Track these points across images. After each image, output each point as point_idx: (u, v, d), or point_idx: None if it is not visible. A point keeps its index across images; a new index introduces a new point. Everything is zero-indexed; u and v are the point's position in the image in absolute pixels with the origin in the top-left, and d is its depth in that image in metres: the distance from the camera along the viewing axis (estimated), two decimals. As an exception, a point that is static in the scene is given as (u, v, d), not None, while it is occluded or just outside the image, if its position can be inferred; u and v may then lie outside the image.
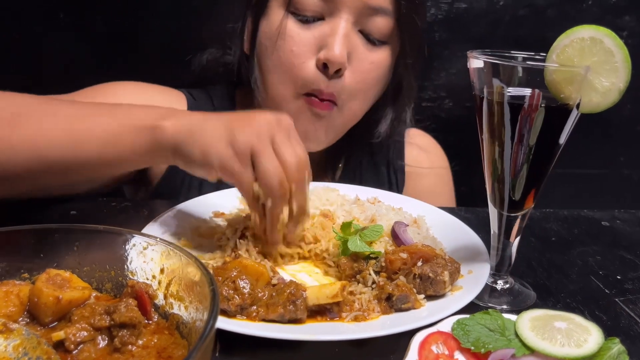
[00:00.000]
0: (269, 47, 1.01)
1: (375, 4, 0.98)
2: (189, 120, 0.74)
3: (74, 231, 0.60)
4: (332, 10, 0.98)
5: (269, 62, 1.03)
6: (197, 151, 0.71)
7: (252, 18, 1.06)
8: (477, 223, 0.91)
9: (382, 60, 1.03)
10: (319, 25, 0.99)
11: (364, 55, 1.01)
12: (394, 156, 1.23)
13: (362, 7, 0.97)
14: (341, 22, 0.97)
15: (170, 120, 0.73)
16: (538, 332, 0.58)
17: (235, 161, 0.70)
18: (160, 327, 0.56)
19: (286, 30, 0.99)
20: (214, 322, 0.46)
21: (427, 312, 0.65)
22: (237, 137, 0.70)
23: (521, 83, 0.65)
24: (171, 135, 0.72)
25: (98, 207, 0.96)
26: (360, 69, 1.01)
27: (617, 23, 1.53)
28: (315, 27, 0.99)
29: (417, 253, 0.69)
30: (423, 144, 1.28)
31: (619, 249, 0.92)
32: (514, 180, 0.70)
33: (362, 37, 1.01)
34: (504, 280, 0.75)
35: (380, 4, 0.98)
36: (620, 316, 0.71)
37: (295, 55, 0.99)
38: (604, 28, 0.61)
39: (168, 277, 0.58)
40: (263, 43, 1.03)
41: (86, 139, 0.75)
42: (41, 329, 0.55)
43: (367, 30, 1.00)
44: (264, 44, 1.03)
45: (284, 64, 1.00)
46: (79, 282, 0.58)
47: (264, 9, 1.03)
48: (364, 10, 0.98)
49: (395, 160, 1.23)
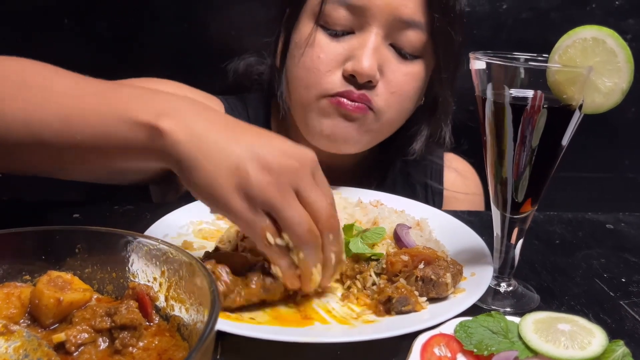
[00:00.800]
0: (296, 56, 1.01)
1: (406, 17, 0.96)
2: (191, 125, 0.63)
3: (76, 233, 0.60)
4: (362, 24, 0.96)
5: (295, 70, 1.02)
6: (201, 181, 0.61)
7: (285, 32, 1.06)
8: (480, 226, 0.91)
9: (416, 73, 1.01)
10: (349, 38, 0.98)
11: (397, 67, 0.99)
12: (433, 179, 1.22)
13: (392, 20, 0.95)
14: (371, 35, 0.95)
15: (172, 119, 0.62)
16: (542, 335, 0.58)
17: (249, 213, 0.61)
18: (161, 329, 0.56)
19: (315, 41, 0.98)
20: (214, 324, 0.46)
21: (429, 315, 0.64)
22: (252, 186, 0.60)
23: (523, 84, 0.65)
24: (171, 144, 0.62)
25: (101, 211, 0.96)
26: (394, 80, 0.99)
27: (620, 26, 1.53)
28: (345, 41, 0.98)
29: (418, 255, 0.68)
30: (461, 169, 1.27)
31: (624, 252, 0.92)
32: (516, 182, 0.69)
33: (394, 51, 0.99)
34: (507, 283, 0.75)
35: (412, 17, 0.96)
36: (624, 319, 0.71)
37: (322, 61, 0.97)
38: (606, 28, 0.60)
39: (169, 279, 0.57)
40: (293, 54, 1.03)
41: (79, 125, 0.67)
42: (42, 330, 0.54)
43: (399, 45, 0.98)
44: (293, 54, 1.02)
45: (310, 69, 0.98)
46: (80, 284, 0.58)
47: (295, 22, 1.03)
48: (394, 23, 0.96)
49: (434, 184, 1.22)
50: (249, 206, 0.61)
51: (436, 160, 1.23)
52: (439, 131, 1.13)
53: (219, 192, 0.61)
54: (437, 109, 1.11)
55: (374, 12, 0.95)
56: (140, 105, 0.65)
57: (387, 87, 0.98)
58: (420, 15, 0.97)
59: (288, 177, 0.61)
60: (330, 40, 0.98)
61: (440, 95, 1.08)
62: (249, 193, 0.60)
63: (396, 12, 0.95)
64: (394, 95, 0.99)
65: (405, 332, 0.59)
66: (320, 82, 0.98)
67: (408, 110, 1.05)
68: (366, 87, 0.97)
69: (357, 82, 0.96)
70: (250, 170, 0.60)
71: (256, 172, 0.60)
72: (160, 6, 1.42)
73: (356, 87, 0.97)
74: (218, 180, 0.60)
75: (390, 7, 0.95)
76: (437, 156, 1.24)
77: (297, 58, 1.00)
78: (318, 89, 0.98)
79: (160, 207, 0.92)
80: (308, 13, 1.01)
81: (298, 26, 1.02)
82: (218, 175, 0.60)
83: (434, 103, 1.10)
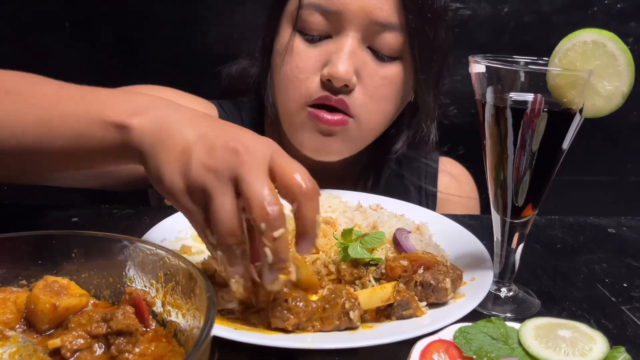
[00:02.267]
0: (278, 64, 1.02)
1: (382, 20, 0.95)
2: (161, 118, 0.63)
3: (73, 238, 0.60)
4: (338, 28, 0.96)
5: (277, 78, 1.03)
6: (153, 167, 0.61)
7: (269, 36, 1.07)
8: (480, 230, 0.90)
9: (394, 75, 1.00)
10: (326, 43, 0.98)
11: (374, 71, 0.99)
12: (428, 181, 1.22)
13: (368, 23, 0.95)
14: (347, 39, 0.95)
15: (142, 117, 0.63)
16: (542, 341, 0.57)
17: (185, 198, 0.59)
18: (158, 334, 0.56)
19: (293, 47, 0.99)
20: (209, 330, 0.46)
21: (428, 320, 0.63)
22: (192, 169, 0.58)
23: (523, 88, 0.64)
24: (137, 138, 0.62)
25: (100, 214, 0.96)
26: (372, 84, 0.99)
27: (622, 29, 1.52)
28: (322, 45, 0.98)
29: (417, 260, 0.68)
30: (455, 172, 1.27)
31: (626, 257, 0.91)
32: (516, 186, 0.69)
33: (371, 54, 0.99)
34: (507, 288, 0.74)
35: (388, 20, 0.95)
36: (626, 324, 0.70)
37: (301, 70, 0.98)
38: (606, 31, 0.60)
39: (166, 284, 0.57)
40: (275, 60, 1.04)
41: (59, 129, 0.67)
42: (38, 336, 0.54)
43: (376, 47, 0.98)
44: (276, 61, 1.03)
45: (289, 79, 0.99)
46: (76, 289, 0.58)
47: (276, 27, 1.04)
48: (370, 27, 0.96)
49: (428, 186, 1.22)
50: (189, 193, 0.58)
51: (431, 164, 1.24)
52: (420, 131, 1.12)
53: (165, 177, 0.59)
54: (417, 110, 1.10)
55: (349, 17, 0.95)
56: (116, 106, 0.65)
57: (364, 90, 0.98)
58: (396, 17, 0.96)
59: (229, 164, 0.57)
60: (308, 47, 0.98)
61: (419, 96, 1.07)
62: (189, 177, 0.58)
63: (371, 16, 0.95)
64: (372, 99, 0.99)
65: (404, 337, 0.58)
66: (300, 90, 0.98)
67: (389, 112, 1.05)
68: (343, 92, 0.97)
69: (334, 86, 0.96)
70: (194, 153, 0.58)
71: (199, 155, 0.58)
72: (161, 10, 1.42)
73: (333, 92, 0.97)
74: (166, 165, 0.59)
75: (365, 10, 0.94)
76: (432, 159, 1.24)
77: (279, 66, 1.01)
78: (299, 99, 0.99)
79: (160, 211, 0.92)
80: (287, 17, 1.01)
81: (279, 32, 1.03)
82: (167, 160, 0.59)
83: (415, 104, 1.10)
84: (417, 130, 1.12)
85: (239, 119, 1.17)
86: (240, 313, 0.65)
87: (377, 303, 0.62)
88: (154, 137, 0.61)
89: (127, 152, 0.64)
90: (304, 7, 0.97)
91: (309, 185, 0.57)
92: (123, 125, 0.63)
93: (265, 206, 0.55)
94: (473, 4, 1.49)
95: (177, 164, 0.59)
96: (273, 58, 1.05)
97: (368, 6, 0.94)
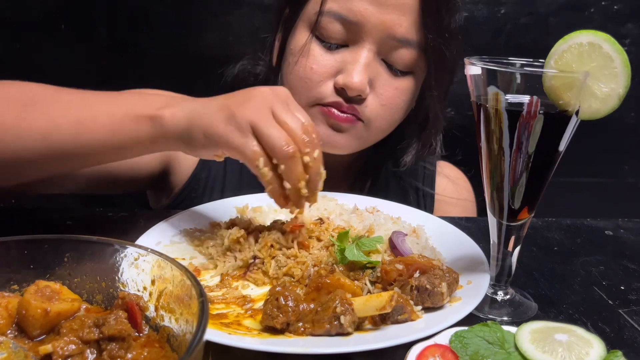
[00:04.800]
0: (291, 63, 1.03)
1: (400, 36, 0.97)
2: (188, 107, 0.75)
3: (65, 242, 0.59)
4: (355, 39, 0.98)
5: (288, 77, 1.04)
6: (200, 135, 0.73)
7: (282, 34, 1.08)
8: (477, 232, 0.90)
9: (406, 87, 1.03)
10: (342, 51, 0.99)
11: (387, 82, 1.01)
12: (425, 184, 1.24)
13: (386, 38, 0.97)
14: (364, 51, 0.97)
15: (170, 109, 0.75)
16: (538, 345, 0.57)
17: (237, 135, 0.72)
18: (151, 339, 0.55)
19: (310, 51, 1.00)
20: (202, 335, 0.45)
21: (424, 324, 0.63)
22: (236, 114, 0.72)
23: (519, 89, 0.64)
24: (172, 124, 0.74)
25: (94, 217, 0.95)
26: (385, 94, 1.01)
27: (619, 31, 1.52)
28: (339, 53, 0.99)
29: (413, 264, 0.67)
30: (452, 176, 1.29)
31: (623, 259, 0.90)
32: (513, 188, 0.68)
33: (385, 66, 1.00)
34: (504, 291, 0.74)
35: (405, 36, 0.97)
36: (623, 328, 0.70)
37: (315, 72, 0.99)
38: (602, 33, 0.60)
39: (159, 289, 0.57)
40: (287, 59, 1.05)
41: (91, 127, 0.76)
42: (29, 342, 0.53)
43: (390, 61, 1.00)
44: (288, 60, 1.04)
45: (302, 79, 1.01)
46: (69, 293, 0.57)
47: (292, 28, 1.04)
48: (387, 41, 0.97)
49: (426, 188, 1.24)
50: (239, 132, 0.72)
51: (429, 167, 1.25)
52: (429, 145, 1.14)
53: (215, 131, 0.73)
54: (427, 123, 1.12)
55: (368, 29, 0.96)
56: (143, 104, 0.77)
57: (377, 99, 1.00)
58: (414, 34, 0.98)
59: (263, 102, 0.73)
60: (324, 52, 1.00)
61: (431, 110, 1.09)
62: (236, 119, 0.72)
63: (390, 31, 0.96)
64: (383, 108, 1.01)
65: (399, 342, 0.58)
66: (312, 92, 1.00)
67: (397, 121, 1.08)
68: (355, 101, 0.99)
69: (347, 95, 0.98)
70: (231, 105, 0.73)
71: (237, 103, 0.73)
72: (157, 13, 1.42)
73: (346, 99, 0.98)
74: (213, 125, 0.73)
75: (385, 25, 0.96)
76: (430, 163, 1.26)
77: (291, 66, 1.02)
78: (310, 98, 1.01)
79: (155, 214, 0.91)
80: (304, 21, 1.02)
81: (294, 32, 1.04)
82: (212, 122, 0.73)
83: (425, 118, 1.11)
84: (425, 144, 1.14)
85: None
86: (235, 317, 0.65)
87: (371, 311, 0.61)
88: (188, 119, 0.74)
89: (161, 139, 0.76)
90: (324, 14, 0.98)
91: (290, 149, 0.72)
92: (155, 116, 0.75)
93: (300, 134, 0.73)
94: (470, 6, 1.49)
95: (221, 117, 0.73)
96: (285, 58, 1.06)
97: (388, 21, 0.96)
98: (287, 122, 0.73)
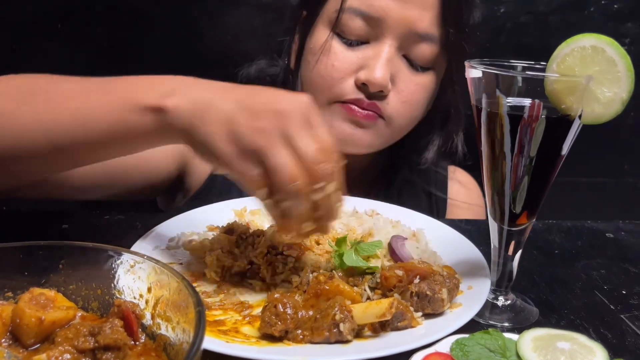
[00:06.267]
0: (311, 62, 1.02)
1: (421, 31, 0.97)
2: (194, 97, 0.66)
3: (60, 248, 0.58)
4: (377, 35, 0.98)
5: (309, 75, 1.03)
6: (200, 143, 0.65)
7: (300, 35, 1.07)
8: (477, 236, 0.89)
9: (427, 82, 1.03)
10: (363, 48, 0.99)
11: (409, 78, 1.01)
12: (438, 188, 1.24)
13: (407, 33, 0.97)
14: (385, 46, 0.97)
15: (175, 98, 0.66)
16: (540, 353, 0.56)
17: (239, 158, 0.63)
18: (147, 348, 0.54)
19: (330, 48, 1.00)
20: (199, 345, 0.45)
21: (424, 331, 0.62)
22: (243, 134, 0.63)
23: (521, 93, 0.63)
24: (176, 118, 0.66)
25: (91, 221, 0.94)
26: (406, 90, 1.01)
27: (619, 30, 1.52)
28: (360, 50, 0.99)
29: (413, 270, 0.66)
30: (464, 181, 1.29)
31: (624, 262, 0.90)
32: (514, 193, 0.68)
33: (406, 62, 1.00)
34: (505, 296, 0.73)
35: (427, 31, 0.97)
36: (625, 334, 0.69)
37: (336, 69, 0.99)
38: (605, 36, 0.59)
39: (156, 296, 0.56)
40: (307, 59, 1.04)
41: (93, 120, 0.70)
42: (24, 351, 0.52)
43: (412, 56, 1.00)
44: (308, 60, 1.04)
45: (323, 77, 1.00)
46: (64, 301, 0.56)
47: (310, 27, 1.04)
48: (409, 36, 0.97)
49: (438, 193, 1.24)
50: (240, 154, 0.63)
51: (441, 172, 1.25)
52: (450, 142, 1.14)
53: (216, 146, 0.63)
54: (449, 120, 1.12)
55: (389, 24, 0.96)
56: (145, 91, 0.69)
57: (398, 96, 1.00)
58: (435, 29, 0.98)
59: (276, 123, 0.63)
60: (345, 49, 1.00)
61: (452, 105, 1.09)
62: (240, 141, 0.63)
63: (412, 26, 0.96)
64: (405, 104, 1.01)
65: (400, 350, 0.57)
66: (333, 89, 1.00)
67: (418, 117, 1.08)
68: (377, 97, 0.99)
69: (369, 90, 0.97)
70: (239, 120, 0.63)
71: (245, 120, 0.63)
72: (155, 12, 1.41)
73: (367, 95, 0.98)
74: (213, 135, 0.64)
75: (407, 20, 0.96)
76: (442, 167, 1.26)
77: (312, 64, 1.02)
78: (330, 95, 1.00)
79: (152, 217, 0.90)
80: (324, 19, 1.02)
81: (313, 31, 1.04)
82: (212, 131, 0.64)
83: (446, 114, 1.11)
84: (447, 140, 1.14)
85: None
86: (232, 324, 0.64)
87: (371, 319, 0.61)
88: (192, 115, 0.65)
89: (166, 133, 0.68)
90: (345, 10, 0.97)
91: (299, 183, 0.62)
92: (158, 107, 0.66)
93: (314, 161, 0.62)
94: (469, 5, 1.48)
95: (224, 133, 0.63)
96: (304, 57, 1.05)
97: (409, 16, 0.96)
98: (301, 147, 0.62)
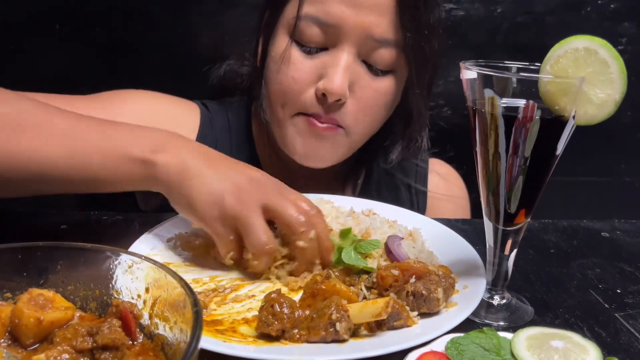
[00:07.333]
0: (273, 70, 1.02)
1: (379, 37, 0.96)
2: (183, 158, 0.75)
3: (58, 249, 0.58)
4: (334, 42, 0.97)
5: (271, 86, 1.03)
6: (184, 201, 0.74)
7: (263, 37, 1.07)
8: (474, 235, 0.89)
9: (387, 87, 1.02)
10: (322, 55, 0.99)
11: (368, 83, 1.00)
12: (417, 181, 1.24)
13: (365, 39, 0.96)
14: (343, 53, 0.96)
15: (164, 154, 0.74)
16: (534, 352, 0.57)
17: (218, 225, 0.73)
18: (145, 348, 0.54)
19: (290, 58, 0.99)
20: (196, 345, 0.45)
21: (420, 331, 0.63)
22: (225, 203, 0.73)
23: (515, 94, 0.63)
24: (164, 172, 0.74)
25: (89, 221, 0.95)
26: (364, 96, 1.00)
27: (616, 30, 1.52)
28: (318, 57, 0.99)
29: (409, 270, 0.67)
30: (444, 173, 1.29)
31: (619, 261, 0.90)
32: (509, 193, 0.68)
33: (365, 67, 1.00)
34: (500, 295, 0.74)
35: (384, 36, 0.96)
36: (620, 332, 0.70)
37: (296, 81, 0.99)
38: (598, 38, 0.59)
39: (153, 296, 0.56)
40: (269, 65, 1.04)
41: (82, 160, 0.74)
42: (22, 351, 0.53)
43: (371, 61, 0.99)
44: (270, 66, 1.04)
45: (284, 89, 1.00)
46: (62, 301, 0.57)
47: (272, 32, 1.04)
48: (367, 42, 0.96)
49: (418, 185, 1.24)
50: (220, 221, 0.73)
51: (421, 164, 1.25)
52: (414, 142, 1.13)
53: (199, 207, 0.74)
54: (411, 121, 1.11)
55: (346, 31, 0.95)
56: (137, 142, 0.75)
57: (356, 103, 1.00)
58: (392, 33, 0.97)
59: (256, 196, 0.74)
60: (304, 58, 0.99)
61: (414, 108, 1.08)
62: (223, 208, 0.73)
63: (368, 32, 0.95)
64: (362, 111, 1.01)
65: (395, 349, 0.58)
66: (296, 103, 1.00)
67: (379, 121, 1.07)
68: (335, 107, 0.98)
69: (327, 101, 0.97)
70: (224, 191, 0.73)
71: (229, 192, 0.73)
72: (152, 12, 1.41)
73: (325, 107, 0.98)
74: (198, 197, 0.74)
75: (363, 26, 0.95)
76: (422, 160, 1.25)
77: (274, 73, 1.02)
78: (292, 108, 1.01)
79: (150, 217, 0.91)
80: (284, 25, 1.01)
81: (275, 37, 1.03)
82: (198, 194, 0.74)
83: (409, 115, 1.10)
84: (411, 140, 1.13)
85: (225, 119, 1.16)
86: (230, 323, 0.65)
87: (367, 318, 0.61)
88: (180, 176, 0.74)
89: (150, 182, 0.76)
90: (302, 18, 0.97)
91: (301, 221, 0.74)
92: (147, 161, 0.74)
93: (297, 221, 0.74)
94: (466, 5, 1.49)
95: (209, 198, 0.73)
96: (267, 63, 1.05)
97: (365, 22, 0.95)
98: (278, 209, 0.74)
